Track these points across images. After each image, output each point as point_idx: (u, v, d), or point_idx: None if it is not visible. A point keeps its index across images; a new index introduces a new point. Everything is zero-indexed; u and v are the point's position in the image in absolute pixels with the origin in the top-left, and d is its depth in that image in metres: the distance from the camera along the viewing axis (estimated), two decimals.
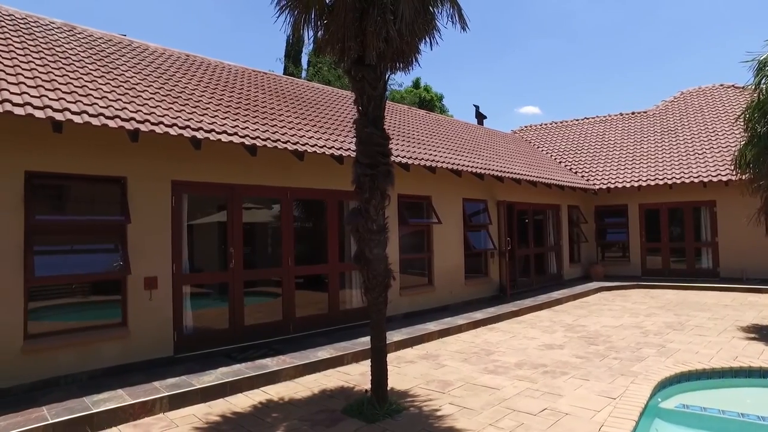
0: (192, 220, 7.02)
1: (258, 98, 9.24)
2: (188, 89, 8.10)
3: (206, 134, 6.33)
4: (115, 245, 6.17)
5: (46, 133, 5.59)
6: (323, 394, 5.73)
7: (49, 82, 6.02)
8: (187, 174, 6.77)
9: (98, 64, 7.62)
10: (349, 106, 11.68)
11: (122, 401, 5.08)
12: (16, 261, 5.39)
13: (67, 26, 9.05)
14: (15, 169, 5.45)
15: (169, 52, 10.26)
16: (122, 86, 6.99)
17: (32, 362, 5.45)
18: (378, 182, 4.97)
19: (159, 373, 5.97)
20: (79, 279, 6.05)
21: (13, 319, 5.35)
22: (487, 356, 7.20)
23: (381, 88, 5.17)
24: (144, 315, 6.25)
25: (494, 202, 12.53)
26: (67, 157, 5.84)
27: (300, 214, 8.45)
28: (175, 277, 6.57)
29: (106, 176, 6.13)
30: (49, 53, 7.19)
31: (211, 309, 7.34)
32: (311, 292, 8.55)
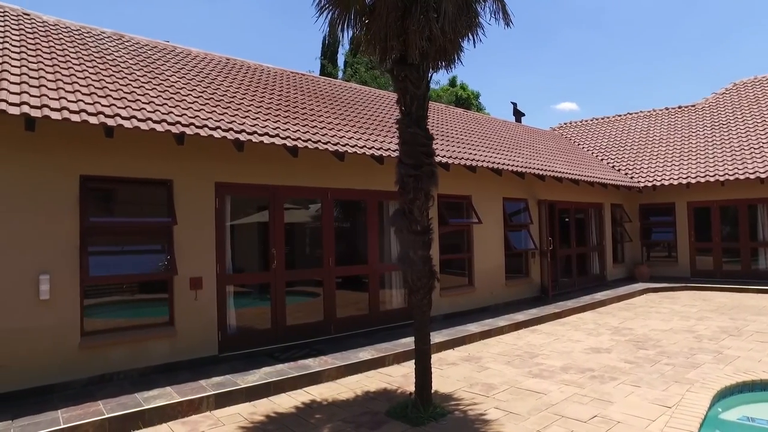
0: (234, 220, 7.12)
1: (297, 100, 9.32)
2: (230, 92, 8.24)
3: (249, 136, 6.41)
4: (162, 246, 6.33)
5: (99, 139, 5.78)
6: (366, 396, 5.71)
7: (101, 90, 6.23)
8: (230, 176, 6.89)
9: (145, 70, 7.84)
10: (387, 106, 11.67)
11: (171, 399, 5.20)
12: (73, 261, 5.60)
13: (116, 35, 9.35)
14: (71, 174, 5.66)
15: (210, 57, 10.47)
16: (167, 91, 7.17)
17: (88, 358, 5.65)
18: (422, 183, 4.91)
19: (204, 372, 6.09)
20: (129, 279, 6.25)
21: (72, 316, 5.57)
22: (530, 359, 7.03)
23: (424, 88, 5.11)
24: (190, 315, 6.39)
25: (535, 201, 12.26)
26: (117, 161, 6.02)
27: (340, 214, 8.46)
28: (219, 278, 6.69)
29: (153, 179, 6.29)
30: (100, 62, 7.44)
31: (253, 309, 7.44)
32: (351, 293, 8.56)
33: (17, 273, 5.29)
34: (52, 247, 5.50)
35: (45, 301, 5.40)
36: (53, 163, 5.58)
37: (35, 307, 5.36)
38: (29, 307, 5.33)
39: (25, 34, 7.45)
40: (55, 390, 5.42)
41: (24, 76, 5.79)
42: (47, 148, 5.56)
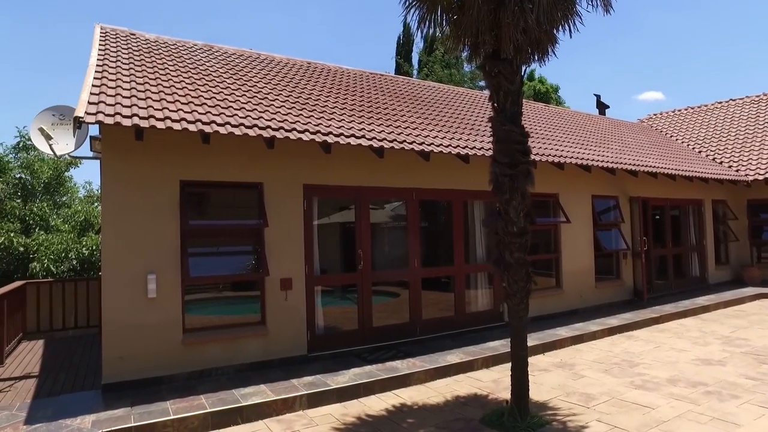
0: (320, 222, 7.23)
1: (378, 100, 9.32)
2: (314, 95, 8.38)
3: (336, 138, 6.47)
4: (254, 248, 6.54)
5: (196, 145, 6.07)
6: (457, 401, 5.57)
7: (197, 98, 6.53)
8: (317, 178, 6.99)
9: (234, 78, 8.16)
10: (468, 104, 11.41)
11: (266, 397, 5.34)
12: (175, 262, 5.92)
13: (207, 46, 9.83)
14: (173, 179, 5.99)
15: (293, 62, 10.74)
16: (256, 96, 7.41)
17: (190, 354, 5.95)
18: (518, 183, 4.69)
19: (295, 371, 6.22)
20: (225, 279, 6.54)
21: (175, 314, 5.89)
22: (630, 368, 6.55)
23: (518, 83, 4.88)
24: (280, 315, 6.55)
25: (626, 198, 11.49)
26: (212, 166, 6.29)
27: (425, 214, 8.35)
28: (307, 278, 6.81)
29: (245, 182, 6.52)
30: (195, 72, 7.83)
31: (340, 310, 7.52)
32: (437, 294, 8.43)
33: (131, 272, 5.68)
34: (157, 248, 5.85)
35: (152, 299, 5.75)
36: (158, 170, 5.92)
37: (144, 304, 5.72)
38: (140, 304, 5.70)
39: (132, 52, 8.01)
40: (162, 382, 5.76)
41: (133, 90, 6.20)
42: (153, 156, 5.91)
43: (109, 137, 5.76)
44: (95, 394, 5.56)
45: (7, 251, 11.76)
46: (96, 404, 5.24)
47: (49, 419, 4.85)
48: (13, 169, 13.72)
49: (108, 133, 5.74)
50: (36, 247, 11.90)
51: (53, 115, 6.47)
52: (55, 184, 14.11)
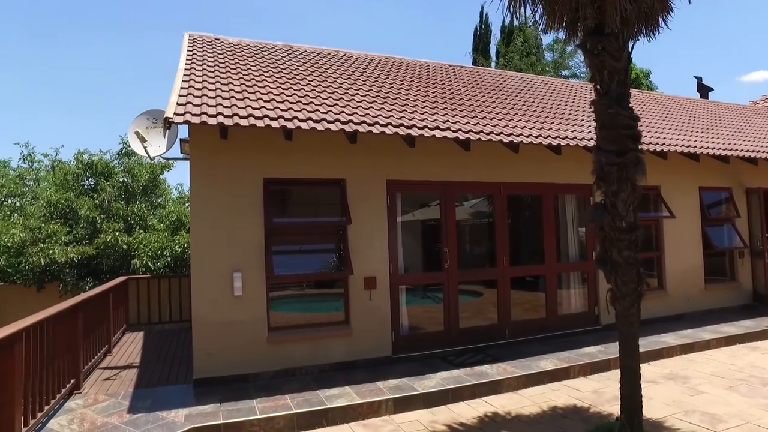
0: (403, 219, 6.98)
1: (461, 91, 8.93)
2: (394, 89, 8.16)
3: (419, 131, 6.19)
4: (337, 246, 6.43)
5: (279, 142, 6.05)
6: (554, 413, 5.10)
7: (278, 96, 6.53)
8: (400, 173, 6.76)
9: (314, 75, 8.13)
10: (553, 93, 10.70)
11: (352, 399, 5.18)
12: (260, 260, 5.93)
13: (287, 46, 9.94)
14: (257, 177, 6.01)
15: (371, 57, 10.61)
16: (336, 92, 7.30)
17: (274, 352, 5.94)
18: (627, 172, 4.16)
19: (380, 373, 6.02)
20: (308, 278, 6.47)
21: (260, 312, 5.91)
22: (763, 387, 5.70)
23: (625, 60, 4.33)
24: (364, 314, 6.39)
25: (742, 190, 10.22)
26: (294, 163, 6.25)
27: (513, 210, 7.84)
28: (392, 277, 6.60)
29: (327, 179, 6.41)
30: (276, 71, 7.89)
31: (423, 310, 7.24)
32: (525, 294, 7.91)
33: (217, 270, 5.76)
34: (242, 246, 5.88)
35: (238, 297, 5.79)
36: (242, 168, 5.96)
37: (231, 302, 5.78)
38: (226, 302, 5.76)
39: (217, 55, 8.23)
40: (248, 379, 5.79)
41: (218, 91, 6.30)
42: (237, 154, 5.96)
43: (196, 137, 5.88)
44: (187, 389, 5.69)
45: (113, 249, 12.66)
46: (188, 398, 5.35)
47: (147, 410, 5.00)
48: (117, 174, 14.77)
49: (195, 133, 5.86)
50: (137, 245, 12.71)
51: (147, 119, 6.75)
52: (152, 187, 15.00)
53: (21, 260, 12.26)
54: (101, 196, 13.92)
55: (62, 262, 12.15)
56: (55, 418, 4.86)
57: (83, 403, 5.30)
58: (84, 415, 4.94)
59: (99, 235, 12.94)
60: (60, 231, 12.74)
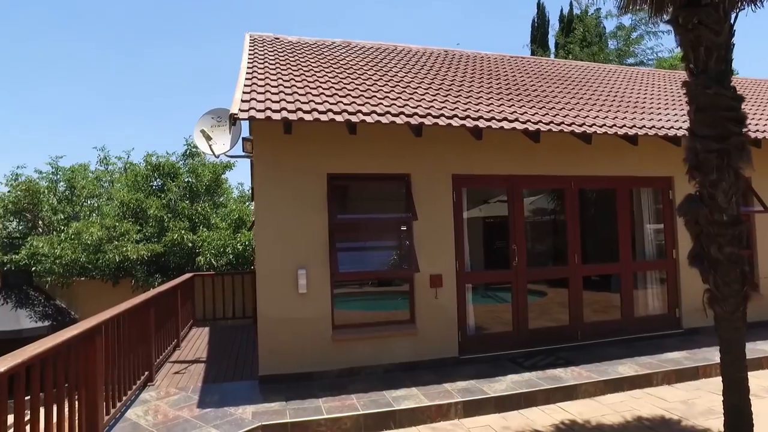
0: (470, 214, 6.73)
1: (525, 82, 8.55)
2: (456, 81, 7.91)
3: (487, 123, 5.92)
4: (403, 243, 6.27)
5: (342, 137, 5.96)
6: (640, 423, 4.71)
7: (340, 91, 6.44)
8: (466, 167, 6.51)
9: (374, 70, 8.01)
10: (624, 81, 10.07)
11: (419, 401, 5.00)
12: (324, 257, 5.86)
13: (345, 43, 9.89)
14: (320, 173, 5.94)
15: (429, 50, 10.39)
16: (398, 86, 7.14)
17: (339, 351, 5.86)
18: (730, 159, 3.73)
19: (447, 374, 5.81)
20: (373, 275, 6.34)
21: (324, 310, 5.84)
22: None
23: (726, 34, 3.89)
24: (430, 313, 6.19)
25: None
26: (358, 158, 6.13)
27: (584, 205, 7.39)
28: (458, 275, 6.36)
29: (392, 174, 6.26)
30: (336, 67, 7.83)
31: (490, 310, 6.96)
32: (595, 294, 7.45)
33: (282, 267, 5.74)
34: (306, 243, 5.83)
35: (303, 294, 5.74)
36: (306, 164, 5.91)
37: (295, 299, 5.74)
38: (291, 299, 5.73)
39: (278, 53, 8.29)
40: (313, 378, 5.73)
41: (280, 87, 6.29)
42: (301, 150, 5.92)
43: (260, 134, 5.88)
44: (253, 385, 5.70)
45: (179, 246, 13.13)
46: (254, 395, 5.35)
47: (216, 405, 5.03)
48: (182, 174, 15.33)
49: (259, 129, 5.86)
50: (201, 242, 13.12)
51: (212, 117, 6.86)
52: (214, 186, 15.47)
53: (99, 257, 12.93)
54: (168, 195, 14.49)
55: (134, 259, 12.71)
56: (132, 408, 4.99)
57: (156, 395, 5.41)
58: (158, 407, 5.03)
59: (166, 233, 13.46)
60: (132, 229, 13.35)
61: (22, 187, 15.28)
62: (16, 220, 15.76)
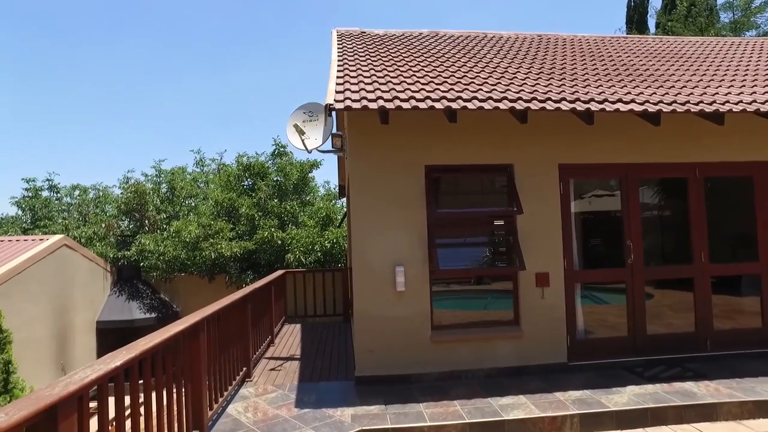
0: (578, 208, 6.12)
1: (633, 62, 7.73)
2: (557, 65, 7.30)
3: (599, 105, 5.32)
4: (506, 238, 5.83)
5: (439, 127, 5.63)
6: None
7: (435, 78, 6.11)
8: (574, 156, 5.93)
9: (468, 57, 7.61)
10: (752, 54, 8.84)
11: (529, 412, 4.56)
12: (422, 253, 5.56)
13: (433, 33, 9.56)
14: (417, 165, 5.65)
15: (522, 36, 9.80)
16: (495, 71, 6.69)
17: (438, 352, 5.53)
18: None
19: (556, 382, 5.29)
20: (475, 273, 5.94)
21: (423, 309, 5.54)
22: None
23: None
24: (536, 315, 5.70)
25: None
26: (456, 149, 5.77)
27: (710, 195, 6.49)
28: (566, 274, 5.80)
29: (493, 165, 5.84)
30: (428, 56, 7.53)
31: (601, 312, 6.30)
32: (719, 297, 6.51)
33: (379, 264, 5.51)
34: (404, 238, 5.56)
35: (400, 293, 5.48)
36: (403, 156, 5.65)
37: (393, 298, 5.49)
38: (389, 298, 5.49)
39: (367, 46, 8.14)
40: (411, 380, 5.45)
41: (373, 77, 6.08)
42: (397, 142, 5.66)
43: (354, 126, 5.70)
44: (349, 386, 5.53)
45: (269, 244, 13.49)
46: (351, 397, 5.17)
47: (313, 406, 4.90)
48: (271, 174, 15.79)
49: (353, 121, 5.68)
50: (290, 240, 13.39)
51: (304, 112, 6.80)
52: (302, 185, 15.80)
53: (196, 254, 13.60)
54: (258, 194, 14.96)
55: (228, 256, 13.23)
56: (233, 404, 4.98)
57: (254, 391, 5.40)
58: (257, 405, 4.99)
59: (257, 231, 13.89)
60: (225, 228, 13.91)
61: (131, 189, 16.52)
62: (127, 219, 17.05)
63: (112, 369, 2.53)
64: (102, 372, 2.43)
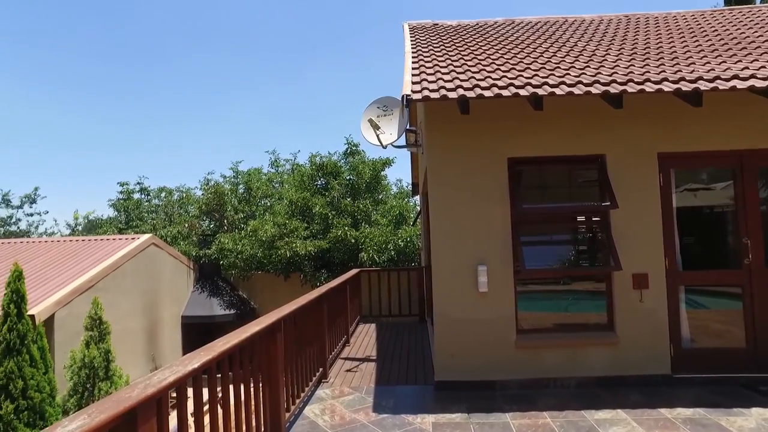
0: (679, 201, 5.46)
1: (747, 35, 6.81)
2: (651, 44, 6.63)
3: (709, 84, 4.69)
4: (598, 235, 5.33)
5: (523, 116, 5.24)
6: None
7: (517, 65, 5.73)
8: (675, 143, 5.29)
9: (549, 42, 7.12)
10: None
11: (631, 429, 4.08)
12: (506, 252, 5.19)
13: (508, 21, 9.12)
14: (499, 157, 5.28)
15: (606, 18, 9.09)
16: (582, 55, 6.18)
17: (524, 358, 5.15)
18: None
19: (659, 397, 4.74)
20: (564, 273, 5.47)
21: (507, 311, 5.17)
22: None
23: None
24: (633, 320, 5.15)
25: None
26: (541, 139, 5.34)
27: None
28: (668, 275, 5.20)
29: (582, 156, 5.35)
30: (506, 43, 7.14)
31: (707, 317, 5.59)
32: None
33: (459, 263, 5.21)
34: (486, 236, 5.22)
35: (483, 293, 5.14)
36: (483, 149, 5.31)
37: (475, 299, 5.17)
38: (470, 299, 5.17)
39: (440, 36, 7.87)
40: (495, 387, 5.11)
41: (450, 66, 5.80)
42: (477, 133, 5.33)
43: (432, 118, 5.43)
44: (427, 390, 5.28)
45: (343, 243, 13.53)
46: (431, 403, 4.92)
47: (392, 411, 4.70)
48: (344, 173, 15.87)
49: (431, 113, 5.42)
50: (363, 239, 13.35)
51: (378, 107, 6.62)
52: (374, 183, 15.74)
53: (272, 252, 13.92)
54: (331, 194, 15.07)
55: (302, 254, 13.40)
56: (309, 406, 4.89)
57: (331, 393, 5.29)
58: (333, 407, 4.87)
59: (331, 230, 13.98)
60: (300, 227, 14.12)
61: (211, 190, 17.25)
62: (208, 219, 17.85)
63: (191, 371, 2.45)
64: (180, 374, 2.35)
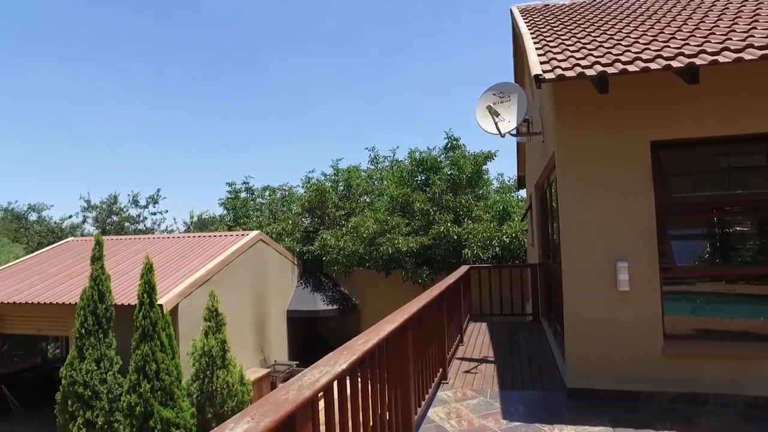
0: None
1: None
2: None
3: None
4: (765, 228, 4.55)
5: (667, 94, 4.59)
6: None
7: (658, 36, 5.06)
8: None
9: (690, 9, 6.26)
10: None
11: None
12: (650, 247, 4.58)
13: None
14: (641, 141, 4.67)
15: None
16: (739, 17, 5.32)
17: (674, 368, 4.52)
18: None
19: None
20: (725, 272, 4.73)
21: (652, 313, 4.57)
22: None
23: None
24: None
25: None
26: (691, 118, 4.64)
27: None
28: None
29: (744, 135, 4.56)
30: (639, 15, 6.43)
31: None
32: None
33: (595, 259, 4.70)
34: (626, 229, 4.65)
35: (624, 293, 4.59)
36: (620, 132, 4.73)
37: (615, 299, 4.62)
38: (609, 299, 4.64)
39: (556, 15, 7.34)
40: (639, 399, 4.55)
41: (577, 44, 5.29)
42: (612, 115, 4.76)
43: (561, 101, 4.95)
44: (560, 398, 4.84)
45: (445, 239, 13.22)
46: (566, 412, 4.49)
47: (523, 419, 4.35)
48: (444, 168, 15.54)
49: (558, 94, 4.94)
50: (466, 235, 12.94)
51: (494, 94, 6.22)
52: (476, 178, 15.24)
53: (373, 249, 13.95)
54: (432, 189, 14.80)
55: (404, 251, 13.27)
56: (433, 408, 4.67)
57: (453, 396, 5.03)
58: (459, 411, 4.60)
59: (432, 226, 13.71)
60: (401, 223, 14.01)
61: (313, 188, 17.72)
62: (310, 216, 18.38)
63: (340, 372, 2.30)
64: (331, 375, 2.20)
